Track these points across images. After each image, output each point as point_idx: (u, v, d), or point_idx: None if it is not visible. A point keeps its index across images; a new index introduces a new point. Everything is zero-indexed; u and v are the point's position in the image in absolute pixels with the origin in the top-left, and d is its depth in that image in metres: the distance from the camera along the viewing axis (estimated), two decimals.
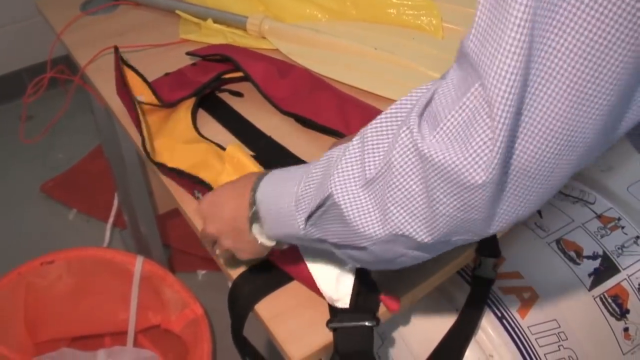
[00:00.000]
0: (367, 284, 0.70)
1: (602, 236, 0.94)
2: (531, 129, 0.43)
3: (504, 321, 0.84)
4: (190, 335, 1.36)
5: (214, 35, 1.15)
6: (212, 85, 1.03)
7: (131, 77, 1.00)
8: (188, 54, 1.09)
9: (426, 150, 0.45)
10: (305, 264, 0.72)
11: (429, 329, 0.85)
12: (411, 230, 0.49)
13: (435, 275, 0.78)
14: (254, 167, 0.84)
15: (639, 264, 0.93)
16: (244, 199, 0.64)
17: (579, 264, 0.90)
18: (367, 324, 0.68)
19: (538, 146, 0.43)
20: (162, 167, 0.90)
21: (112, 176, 1.58)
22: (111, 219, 1.86)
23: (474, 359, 0.83)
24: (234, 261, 0.76)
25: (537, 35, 0.40)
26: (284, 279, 0.76)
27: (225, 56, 1.04)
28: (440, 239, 0.50)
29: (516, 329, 0.84)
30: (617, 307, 0.89)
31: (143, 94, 0.99)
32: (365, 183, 0.51)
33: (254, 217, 0.63)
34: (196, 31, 1.18)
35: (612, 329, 0.88)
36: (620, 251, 0.93)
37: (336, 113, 0.94)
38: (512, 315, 0.85)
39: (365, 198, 0.51)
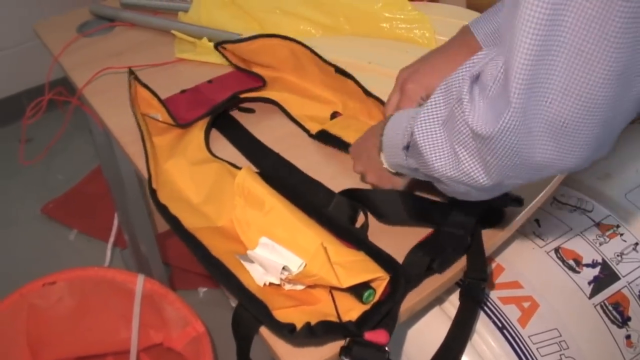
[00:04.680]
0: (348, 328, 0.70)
1: (600, 244, 0.94)
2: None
3: (505, 331, 0.84)
4: (192, 352, 1.36)
5: (209, 53, 1.16)
6: (227, 105, 1.04)
7: (148, 97, 1.00)
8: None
9: (469, 117, 0.55)
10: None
11: (427, 340, 0.85)
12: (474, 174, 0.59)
13: (433, 288, 0.78)
14: (265, 195, 0.84)
15: (639, 270, 0.92)
16: (377, 137, 0.80)
17: (578, 272, 0.90)
18: None
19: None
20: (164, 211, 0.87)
21: (111, 196, 1.58)
22: (112, 239, 1.86)
23: None
24: None
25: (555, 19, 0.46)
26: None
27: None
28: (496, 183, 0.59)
29: (517, 339, 0.84)
30: (618, 314, 0.89)
31: (159, 112, 1.00)
32: (442, 123, 0.61)
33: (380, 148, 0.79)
34: (191, 50, 1.19)
35: (613, 337, 0.88)
36: (619, 258, 0.93)
37: None
38: (513, 325, 0.84)
39: (441, 135, 0.61)
